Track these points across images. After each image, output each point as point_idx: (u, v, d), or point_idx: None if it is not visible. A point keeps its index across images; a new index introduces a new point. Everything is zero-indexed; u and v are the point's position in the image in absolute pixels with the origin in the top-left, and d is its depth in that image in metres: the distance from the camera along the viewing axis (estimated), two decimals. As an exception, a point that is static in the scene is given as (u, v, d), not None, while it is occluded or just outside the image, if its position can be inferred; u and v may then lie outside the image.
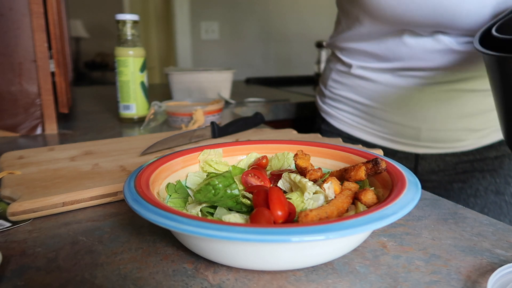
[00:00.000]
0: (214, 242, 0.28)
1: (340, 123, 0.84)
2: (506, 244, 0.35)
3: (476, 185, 0.77)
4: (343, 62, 0.80)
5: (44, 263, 0.31)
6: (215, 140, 0.66)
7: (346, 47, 0.78)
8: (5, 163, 0.51)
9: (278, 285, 0.29)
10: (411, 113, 0.72)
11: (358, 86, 0.78)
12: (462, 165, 0.77)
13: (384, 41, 0.71)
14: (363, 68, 0.76)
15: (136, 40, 0.83)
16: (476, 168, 0.77)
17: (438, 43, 0.66)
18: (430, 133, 0.73)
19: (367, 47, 0.73)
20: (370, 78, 0.75)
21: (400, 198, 0.30)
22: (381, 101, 0.75)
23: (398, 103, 0.73)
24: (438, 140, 0.74)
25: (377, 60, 0.73)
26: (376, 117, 0.77)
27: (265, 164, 0.44)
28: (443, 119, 0.72)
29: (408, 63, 0.69)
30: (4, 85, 0.71)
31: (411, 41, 0.67)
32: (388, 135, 0.77)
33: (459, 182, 0.78)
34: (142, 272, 0.30)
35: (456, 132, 0.73)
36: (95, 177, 0.46)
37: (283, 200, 0.32)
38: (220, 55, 2.48)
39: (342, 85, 0.81)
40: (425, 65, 0.68)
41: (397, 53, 0.69)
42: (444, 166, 0.78)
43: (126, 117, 0.85)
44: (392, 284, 0.29)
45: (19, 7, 0.69)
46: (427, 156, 0.78)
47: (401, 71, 0.71)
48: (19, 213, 0.38)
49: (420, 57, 0.68)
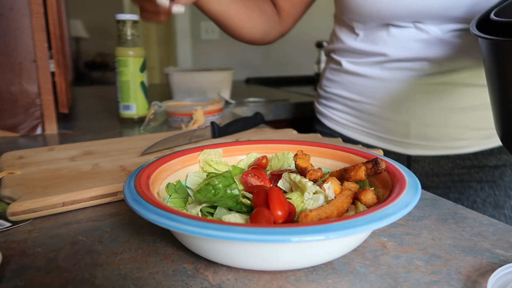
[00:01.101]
0: (214, 242, 0.28)
1: (333, 123, 0.83)
2: (506, 244, 0.35)
3: (473, 196, 0.74)
4: (335, 60, 0.81)
5: (44, 263, 0.31)
6: (215, 140, 0.66)
7: (338, 47, 0.79)
8: (5, 163, 0.51)
9: (278, 285, 0.29)
10: (399, 107, 0.71)
11: (348, 82, 0.78)
12: (458, 171, 0.74)
13: (370, 38, 0.72)
14: (352, 63, 0.76)
15: (136, 40, 0.83)
16: (474, 178, 0.74)
17: (421, 33, 0.66)
18: (420, 129, 0.71)
19: (357, 46, 0.74)
20: (359, 72, 0.75)
21: (400, 198, 0.30)
22: (370, 96, 0.74)
23: (386, 97, 0.72)
24: (430, 138, 0.72)
25: (365, 55, 0.74)
26: (365, 113, 0.76)
27: (265, 164, 0.44)
28: (433, 114, 0.70)
29: (392, 55, 0.69)
30: (4, 85, 0.71)
31: (396, 32, 0.68)
32: (378, 133, 0.76)
33: (455, 193, 0.75)
34: (142, 272, 0.30)
35: (449, 129, 0.70)
36: (95, 177, 0.46)
37: (283, 200, 0.32)
38: (220, 55, 2.48)
39: (334, 82, 0.81)
40: (410, 55, 0.68)
41: (383, 46, 0.70)
42: (438, 170, 0.75)
43: (126, 117, 0.85)
44: (392, 284, 0.29)
45: (19, 7, 0.69)
46: (419, 158, 0.75)
47: (388, 63, 0.70)
48: (19, 213, 0.38)
49: (405, 47, 0.68)
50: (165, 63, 3.02)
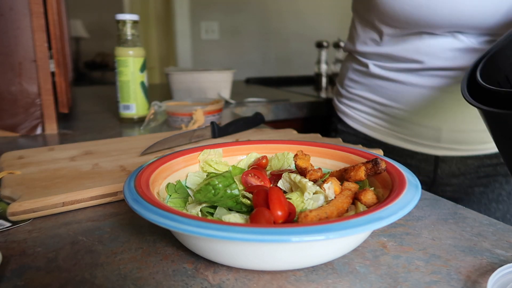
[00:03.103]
0: (214, 242, 0.28)
1: (357, 123, 0.82)
2: (506, 244, 0.35)
3: (498, 189, 0.74)
4: (360, 62, 0.79)
5: (44, 263, 0.31)
6: (215, 140, 0.66)
7: (362, 51, 0.77)
8: (5, 163, 0.51)
9: (278, 285, 0.29)
10: (431, 113, 0.70)
11: (375, 86, 0.76)
12: (484, 168, 0.74)
13: (401, 43, 0.69)
14: (380, 68, 0.74)
15: (136, 40, 0.83)
16: (500, 172, 0.74)
17: (457, 42, 0.64)
18: (451, 134, 0.71)
19: (384, 50, 0.72)
20: (388, 77, 0.73)
21: (400, 198, 0.30)
22: (400, 101, 0.73)
23: (417, 103, 0.71)
24: (460, 142, 0.71)
25: (395, 61, 0.72)
26: (395, 118, 0.74)
27: (265, 164, 0.44)
28: (464, 120, 0.69)
29: (427, 64, 0.67)
30: (4, 85, 0.71)
31: (430, 41, 0.66)
32: (407, 136, 0.75)
33: (480, 186, 0.75)
34: (142, 272, 0.30)
35: (478, 133, 0.70)
36: (95, 177, 0.46)
37: (283, 200, 0.31)
38: (220, 55, 2.48)
39: (359, 84, 0.79)
40: (445, 64, 0.66)
41: (415, 54, 0.68)
42: (465, 169, 0.75)
43: (126, 117, 0.85)
44: (392, 284, 0.29)
45: (19, 7, 0.69)
46: (447, 159, 0.74)
47: (423, 70, 0.69)
48: (19, 213, 0.38)
49: (440, 56, 0.66)
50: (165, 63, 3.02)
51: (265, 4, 2.51)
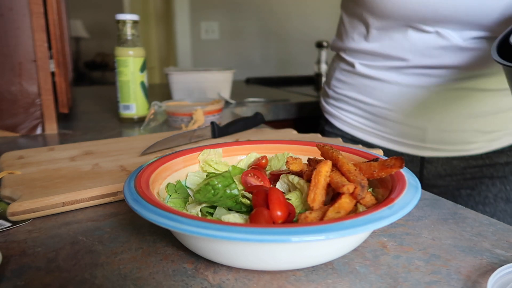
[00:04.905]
0: (214, 242, 0.28)
1: (343, 124, 0.82)
2: (506, 244, 0.35)
3: (485, 192, 0.74)
4: (346, 61, 0.79)
5: (44, 263, 0.31)
6: (215, 140, 0.66)
7: (349, 47, 0.77)
8: (5, 163, 0.51)
9: (278, 285, 0.29)
10: (416, 112, 0.70)
11: (361, 85, 0.76)
12: (470, 170, 0.74)
13: (387, 39, 0.69)
14: (367, 66, 0.74)
15: (136, 40, 0.83)
16: (486, 175, 0.74)
17: (443, 40, 0.64)
18: (437, 134, 0.71)
19: (370, 47, 0.72)
20: (374, 76, 0.73)
21: (399, 198, 0.30)
22: (385, 100, 0.73)
23: (403, 102, 0.71)
24: (445, 142, 0.72)
25: (381, 58, 0.72)
26: (380, 117, 0.75)
27: (264, 164, 0.44)
28: (450, 119, 0.69)
29: (412, 61, 0.68)
30: (4, 85, 0.71)
31: (415, 37, 0.66)
32: (392, 136, 0.75)
33: (467, 188, 0.75)
34: (142, 272, 0.30)
35: (464, 133, 0.71)
36: (95, 177, 0.46)
37: (283, 200, 0.32)
38: (220, 55, 2.48)
39: (346, 84, 0.79)
40: (430, 62, 0.66)
41: (400, 51, 0.68)
42: (451, 170, 0.75)
43: (126, 117, 0.85)
44: (392, 284, 0.29)
45: (19, 7, 0.69)
46: (433, 160, 0.75)
47: (407, 68, 0.69)
48: (19, 213, 0.38)
49: (425, 54, 0.66)
50: (165, 63, 3.02)
51: (265, 4, 2.51)
